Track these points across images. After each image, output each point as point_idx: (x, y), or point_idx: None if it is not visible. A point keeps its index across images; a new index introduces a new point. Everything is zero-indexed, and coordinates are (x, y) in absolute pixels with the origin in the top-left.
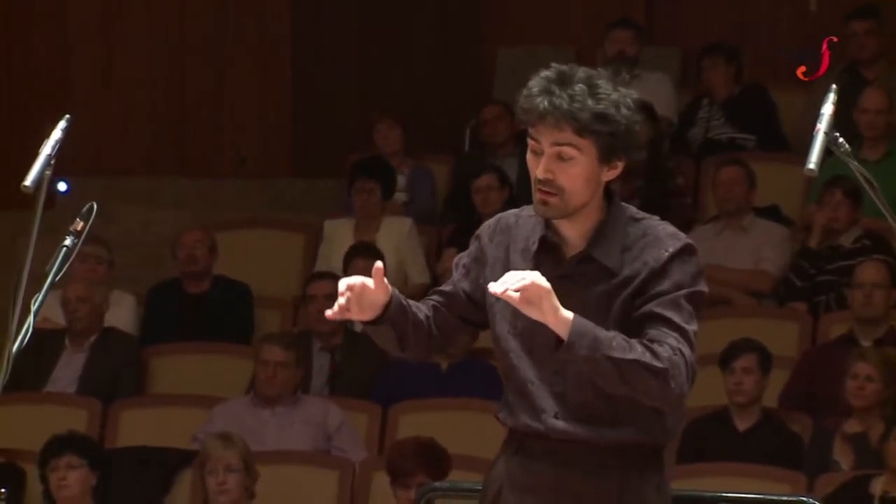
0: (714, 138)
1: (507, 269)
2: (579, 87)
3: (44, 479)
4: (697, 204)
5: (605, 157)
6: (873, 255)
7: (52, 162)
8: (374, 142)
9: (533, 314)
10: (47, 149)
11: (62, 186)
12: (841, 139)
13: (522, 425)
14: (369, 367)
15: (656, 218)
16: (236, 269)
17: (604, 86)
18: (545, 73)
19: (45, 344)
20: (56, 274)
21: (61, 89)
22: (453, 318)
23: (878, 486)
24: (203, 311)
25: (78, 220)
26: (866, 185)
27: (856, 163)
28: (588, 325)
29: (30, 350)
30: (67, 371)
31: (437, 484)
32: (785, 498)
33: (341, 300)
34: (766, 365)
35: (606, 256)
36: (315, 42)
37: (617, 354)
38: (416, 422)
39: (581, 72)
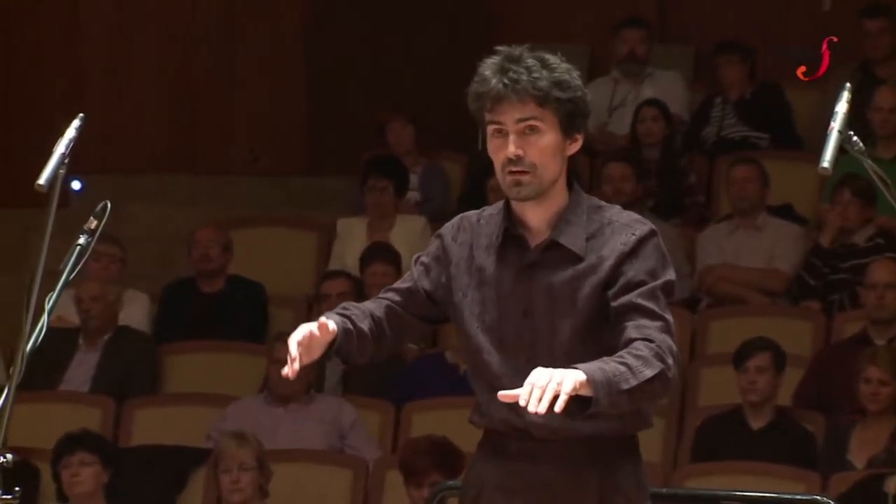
0: (727, 137)
1: (471, 267)
2: (532, 61)
3: (56, 477)
4: (711, 202)
5: (567, 128)
6: (886, 254)
7: (66, 161)
8: (387, 140)
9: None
10: (61, 147)
11: (76, 185)
12: (855, 137)
13: (499, 421)
14: (383, 366)
15: (618, 207)
16: (249, 266)
17: (552, 59)
18: (493, 58)
19: (59, 342)
20: (70, 273)
21: (74, 88)
22: (409, 316)
23: (892, 485)
24: (217, 310)
25: (92, 218)
26: (880, 184)
27: (870, 161)
28: (596, 370)
29: (44, 348)
30: (81, 369)
31: (450, 482)
32: (799, 497)
33: (294, 356)
34: (780, 364)
35: (572, 241)
36: (328, 40)
37: (625, 385)
38: (429, 420)
39: (527, 51)
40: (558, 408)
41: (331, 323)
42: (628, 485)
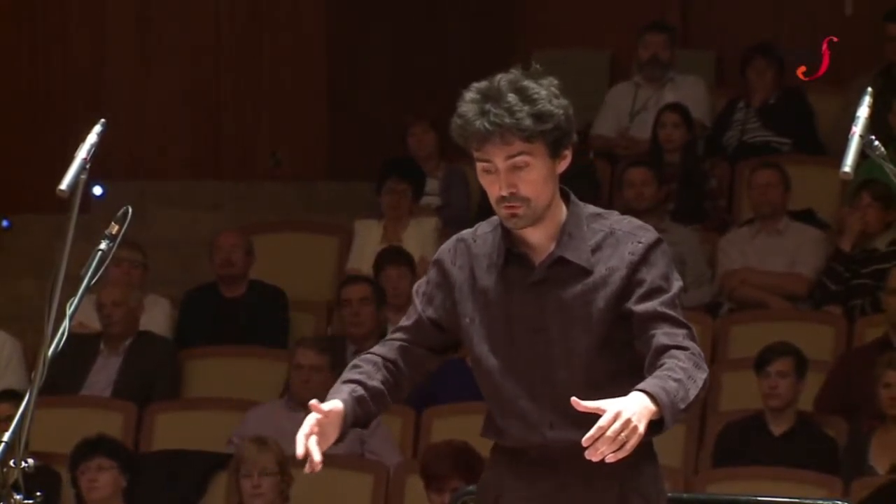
0: (749, 141)
1: (474, 289)
2: (512, 97)
3: (74, 483)
4: (732, 207)
5: (555, 151)
6: None
7: (88, 166)
8: (408, 145)
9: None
10: (83, 153)
11: (97, 191)
12: (876, 142)
13: (517, 440)
14: None
15: (616, 213)
16: (271, 271)
17: (530, 85)
18: (471, 94)
19: (81, 348)
20: (91, 278)
21: (97, 93)
22: (421, 351)
23: None
24: (238, 315)
25: (113, 223)
26: None
27: (891, 166)
28: (661, 391)
29: (65, 353)
30: (103, 374)
31: (470, 488)
32: (820, 502)
33: (313, 454)
34: (802, 369)
35: (577, 256)
36: (350, 45)
37: (682, 405)
38: (449, 426)
39: (504, 82)
40: (622, 454)
41: (332, 403)
42: (647, 489)
